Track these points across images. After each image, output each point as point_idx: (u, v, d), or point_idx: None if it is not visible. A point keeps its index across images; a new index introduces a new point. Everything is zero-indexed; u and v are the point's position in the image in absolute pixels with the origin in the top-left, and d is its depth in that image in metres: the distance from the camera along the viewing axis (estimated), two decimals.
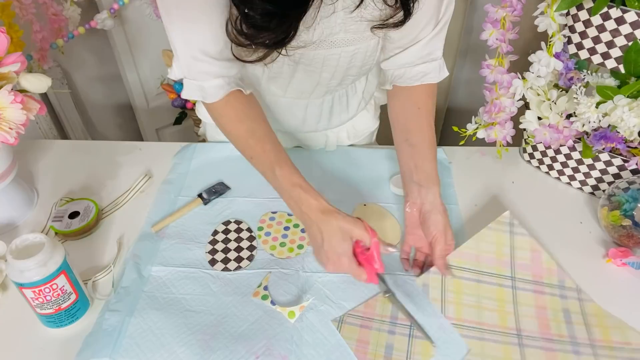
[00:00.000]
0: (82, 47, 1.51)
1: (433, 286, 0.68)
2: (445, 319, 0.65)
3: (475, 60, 1.53)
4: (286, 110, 0.86)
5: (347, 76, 0.77)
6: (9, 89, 0.68)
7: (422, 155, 0.76)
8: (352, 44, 0.69)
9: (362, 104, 0.93)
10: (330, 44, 0.69)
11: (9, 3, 1.10)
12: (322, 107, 0.86)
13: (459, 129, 0.92)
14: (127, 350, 0.63)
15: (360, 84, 0.88)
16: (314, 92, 0.81)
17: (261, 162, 0.71)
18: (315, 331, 0.65)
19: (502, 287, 0.69)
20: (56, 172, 0.93)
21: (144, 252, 0.76)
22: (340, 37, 0.68)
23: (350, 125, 0.96)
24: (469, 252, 0.72)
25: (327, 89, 0.81)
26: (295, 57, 0.69)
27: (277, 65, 0.70)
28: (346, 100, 0.88)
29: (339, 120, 0.92)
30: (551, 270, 0.72)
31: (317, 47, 0.69)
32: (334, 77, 0.77)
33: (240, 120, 0.72)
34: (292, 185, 0.67)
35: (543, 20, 0.79)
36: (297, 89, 0.80)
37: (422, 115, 0.77)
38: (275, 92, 0.82)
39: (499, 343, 0.63)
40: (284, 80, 0.77)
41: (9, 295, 0.71)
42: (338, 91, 0.85)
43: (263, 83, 0.80)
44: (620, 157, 0.81)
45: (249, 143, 0.71)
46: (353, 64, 0.74)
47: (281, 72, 0.75)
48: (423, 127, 0.77)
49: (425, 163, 0.75)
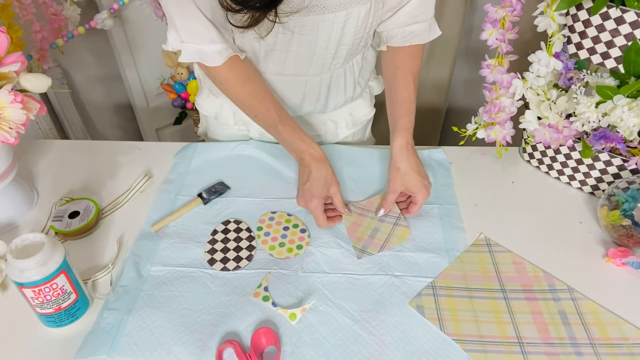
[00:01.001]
0: (82, 47, 1.51)
1: (427, 307, 0.69)
2: (447, 336, 0.66)
3: (475, 60, 1.53)
4: (285, 89, 0.87)
5: (341, 46, 0.79)
6: (9, 89, 0.68)
7: (393, 110, 0.83)
8: (344, 8, 0.72)
9: (358, 89, 0.95)
10: (323, 8, 0.71)
11: (9, 3, 1.10)
12: (321, 85, 0.87)
13: (459, 129, 0.92)
14: (124, 348, 0.63)
15: (357, 65, 0.90)
16: (311, 67, 0.83)
17: (264, 120, 0.81)
18: (314, 332, 0.65)
19: (494, 300, 0.70)
20: (56, 172, 0.94)
21: (143, 251, 0.76)
22: (331, 1, 0.71)
23: (347, 114, 0.98)
24: (455, 273, 0.73)
25: (324, 64, 0.83)
26: (290, 25, 0.72)
27: (272, 36, 0.73)
28: (343, 81, 0.90)
29: (335, 102, 0.94)
30: (538, 277, 0.73)
31: (310, 12, 0.71)
32: (329, 47, 0.79)
33: (242, 82, 0.79)
34: (293, 138, 0.80)
35: (543, 20, 0.79)
36: (295, 63, 0.81)
37: (399, 74, 0.83)
38: (274, 69, 0.83)
39: (502, 353, 0.63)
40: (280, 53, 0.79)
41: (9, 295, 0.71)
42: (336, 70, 0.86)
43: (261, 60, 0.81)
44: (620, 157, 0.81)
45: (252, 103, 0.80)
46: (346, 31, 0.76)
47: (277, 43, 0.76)
48: (397, 85, 0.83)
49: (395, 117, 0.82)
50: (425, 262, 0.75)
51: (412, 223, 0.81)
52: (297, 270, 0.74)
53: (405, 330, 0.66)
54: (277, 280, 0.72)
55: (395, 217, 0.80)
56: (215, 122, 1.00)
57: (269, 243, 0.78)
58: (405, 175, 0.78)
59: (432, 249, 0.77)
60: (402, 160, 0.79)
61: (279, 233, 0.80)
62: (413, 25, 0.81)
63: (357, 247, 0.77)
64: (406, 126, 0.81)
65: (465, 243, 0.78)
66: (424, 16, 0.80)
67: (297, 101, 0.90)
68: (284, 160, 0.93)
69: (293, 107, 0.92)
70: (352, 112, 0.99)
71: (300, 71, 0.83)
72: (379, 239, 0.78)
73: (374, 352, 0.63)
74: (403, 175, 0.78)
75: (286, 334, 0.65)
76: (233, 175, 0.91)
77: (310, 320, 0.67)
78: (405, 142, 0.80)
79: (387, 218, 0.81)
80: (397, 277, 0.73)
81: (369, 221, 0.81)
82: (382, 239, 0.78)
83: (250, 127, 0.97)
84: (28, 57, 1.25)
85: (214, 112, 0.97)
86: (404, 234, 0.78)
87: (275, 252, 0.77)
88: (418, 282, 0.72)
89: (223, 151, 0.96)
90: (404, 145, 0.79)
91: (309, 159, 0.79)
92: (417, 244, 0.78)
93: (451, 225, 0.81)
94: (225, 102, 0.95)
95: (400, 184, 0.79)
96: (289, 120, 0.81)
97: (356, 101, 0.98)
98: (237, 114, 0.95)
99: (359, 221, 0.81)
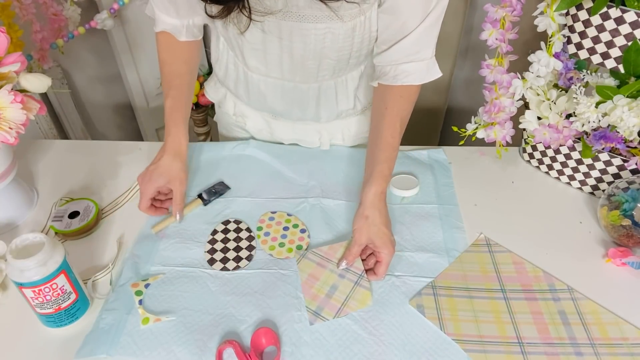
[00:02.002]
0: (82, 47, 1.51)
1: (428, 307, 0.69)
2: (447, 336, 0.66)
3: (475, 60, 1.53)
4: (276, 93, 0.87)
5: (325, 59, 0.77)
6: (9, 89, 0.68)
7: (373, 153, 0.78)
8: (323, 22, 0.70)
9: (358, 106, 0.92)
10: (299, 17, 0.69)
11: (9, 3, 1.10)
12: (309, 94, 0.87)
13: (459, 129, 0.92)
14: (124, 347, 0.63)
15: (352, 80, 0.87)
16: (297, 75, 0.82)
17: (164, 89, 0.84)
18: (314, 331, 0.66)
19: (494, 300, 0.70)
20: (56, 172, 0.94)
21: (143, 251, 0.76)
22: (308, 12, 0.69)
23: (345, 127, 0.96)
24: (455, 273, 0.73)
25: (309, 74, 0.82)
26: (268, 26, 0.71)
27: (254, 34, 0.74)
28: (334, 94, 0.88)
29: (328, 114, 0.92)
30: (538, 277, 0.73)
31: (286, 17, 0.70)
32: (311, 58, 0.77)
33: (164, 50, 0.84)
34: (171, 118, 0.82)
35: (543, 20, 0.79)
36: (278, 66, 0.81)
37: (386, 114, 0.77)
38: (258, 68, 0.83)
39: (502, 353, 0.63)
40: (261, 53, 0.79)
41: (9, 295, 0.71)
42: (324, 82, 0.85)
43: (246, 56, 0.82)
44: (619, 157, 0.81)
45: (163, 71, 0.85)
46: (326, 45, 0.74)
47: (257, 43, 0.77)
48: (382, 128, 0.77)
49: (374, 161, 0.77)
50: (425, 262, 0.75)
51: (412, 223, 0.81)
52: (297, 271, 0.74)
53: (405, 330, 0.66)
54: (277, 280, 0.72)
55: (357, 275, 0.71)
56: (219, 110, 1.03)
57: (268, 243, 0.78)
58: (372, 227, 0.72)
59: (432, 249, 0.77)
60: (373, 210, 0.73)
61: (279, 233, 0.80)
62: (408, 64, 0.74)
63: (311, 309, 0.68)
64: (385, 174, 0.75)
65: (465, 243, 0.78)
66: (421, 55, 0.74)
67: (287, 106, 0.90)
68: (284, 160, 0.93)
69: (284, 112, 0.92)
70: (349, 127, 0.96)
71: (287, 76, 0.83)
72: (336, 300, 0.69)
73: (373, 351, 0.63)
74: (369, 226, 0.72)
75: (286, 334, 0.65)
76: (233, 175, 0.91)
77: (311, 320, 0.67)
78: (380, 191, 0.74)
79: (347, 274, 0.72)
80: (397, 277, 0.73)
81: (328, 274, 0.72)
82: (339, 300, 0.69)
83: (247, 121, 0.98)
84: (28, 57, 1.25)
85: (218, 100, 1.00)
86: (365, 298, 0.69)
87: (275, 252, 0.77)
88: (418, 282, 0.72)
89: (223, 151, 0.96)
90: (377, 194, 0.74)
91: (169, 146, 0.81)
92: (417, 244, 0.78)
93: (451, 225, 0.81)
94: (228, 92, 0.97)
95: (366, 236, 0.71)
96: (180, 103, 0.83)
97: (356, 117, 0.95)
98: (237, 105, 0.97)
99: (316, 273, 0.72)
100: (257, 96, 0.89)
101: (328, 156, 0.96)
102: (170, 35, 0.82)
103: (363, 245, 0.72)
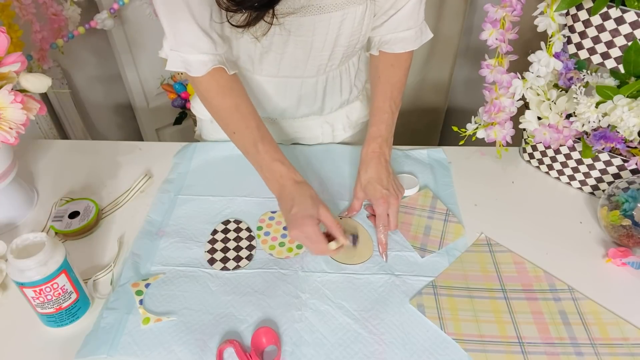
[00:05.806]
0: (82, 47, 1.51)
1: (428, 306, 0.69)
2: (447, 335, 0.66)
3: (475, 60, 1.53)
4: (281, 91, 0.87)
5: (337, 47, 0.79)
6: (9, 89, 0.68)
7: (369, 119, 0.84)
8: (340, 9, 0.72)
9: (355, 92, 0.95)
10: (319, 8, 0.71)
11: (9, 3, 1.10)
12: (317, 87, 0.87)
13: (459, 129, 0.92)
14: (124, 347, 0.63)
15: (353, 67, 0.90)
16: (307, 69, 0.82)
17: (244, 137, 0.76)
18: (314, 331, 0.66)
19: (495, 300, 0.70)
20: (56, 172, 0.94)
21: (143, 251, 0.76)
22: (327, 1, 0.71)
23: (344, 116, 0.98)
24: (456, 272, 0.73)
25: (319, 66, 0.82)
26: (286, 25, 0.71)
27: (268, 37, 0.73)
28: (339, 83, 0.90)
29: (331, 104, 0.93)
30: (539, 277, 0.73)
31: (306, 13, 0.71)
32: (325, 48, 0.78)
33: (225, 95, 0.75)
34: (272, 160, 0.74)
35: (543, 20, 0.79)
36: (290, 64, 0.81)
37: (379, 83, 0.84)
38: (269, 71, 0.83)
39: (502, 353, 0.63)
40: (275, 55, 0.78)
41: (9, 295, 0.71)
42: (331, 71, 0.86)
43: (256, 62, 0.80)
44: (620, 157, 0.81)
45: (233, 118, 0.76)
46: (342, 32, 0.76)
47: (272, 45, 0.76)
48: (375, 95, 0.84)
49: (368, 125, 0.83)
50: (426, 261, 0.75)
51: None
52: (297, 270, 0.74)
53: (405, 329, 0.66)
54: (277, 280, 0.72)
55: (443, 214, 0.82)
56: (210, 125, 0.99)
57: (269, 243, 0.78)
58: (367, 184, 0.78)
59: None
60: (365, 168, 0.79)
61: (279, 233, 0.80)
62: (402, 32, 0.80)
63: (417, 246, 0.77)
64: (374, 135, 0.81)
65: (466, 243, 0.78)
66: (411, 23, 0.80)
67: (294, 103, 0.90)
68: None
69: (290, 110, 0.92)
70: (348, 115, 0.99)
71: (296, 73, 0.83)
72: (435, 237, 0.78)
73: (374, 351, 0.63)
74: (363, 182, 0.79)
75: (286, 333, 0.65)
76: (233, 175, 0.91)
77: (311, 319, 0.67)
78: (371, 150, 0.80)
79: (434, 215, 0.82)
80: (397, 277, 0.73)
81: (418, 219, 0.81)
82: (437, 236, 0.78)
83: None
84: (28, 57, 1.25)
85: (209, 116, 0.97)
86: (458, 230, 0.79)
87: (276, 252, 0.77)
88: (418, 282, 0.72)
89: (223, 151, 0.96)
90: (369, 153, 0.80)
91: (290, 184, 0.73)
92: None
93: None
94: None
95: (361, 191, 0.79)
96: (271, 141, 0.76)
97: (353, 104, 0.98)
98: None
99: (407, 219, 0.81)
100: (260, 99, 0.89)
101: (328, 156, 0.96)
102: (219, 75, 0.73)
103: (361, 199, 0.80)
